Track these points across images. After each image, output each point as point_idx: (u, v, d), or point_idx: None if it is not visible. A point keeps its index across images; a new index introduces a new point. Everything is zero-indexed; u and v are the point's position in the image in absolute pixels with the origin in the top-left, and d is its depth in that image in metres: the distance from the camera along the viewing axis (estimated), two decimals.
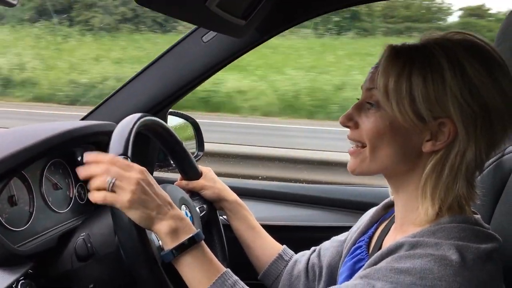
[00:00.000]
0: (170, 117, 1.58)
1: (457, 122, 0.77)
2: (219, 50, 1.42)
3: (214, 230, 1.25)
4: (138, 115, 1.03)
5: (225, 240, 1.26)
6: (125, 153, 0.93)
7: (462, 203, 0.80)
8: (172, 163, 1.32)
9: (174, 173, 1.47)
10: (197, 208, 1.18)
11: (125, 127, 0.98)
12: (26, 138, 1.04)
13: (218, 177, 1.28)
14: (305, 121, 7.27)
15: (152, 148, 1.59)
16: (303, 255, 1.16)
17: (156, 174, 1.64)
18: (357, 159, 0.86)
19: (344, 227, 1.15)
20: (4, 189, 0.99)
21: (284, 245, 1.22)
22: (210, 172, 1.27)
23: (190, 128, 1.60)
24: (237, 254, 1.22)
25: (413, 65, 0.79)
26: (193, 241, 0.90)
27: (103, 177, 0.86)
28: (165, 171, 1.63)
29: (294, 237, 1.28)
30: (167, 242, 0.89)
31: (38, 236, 1.05)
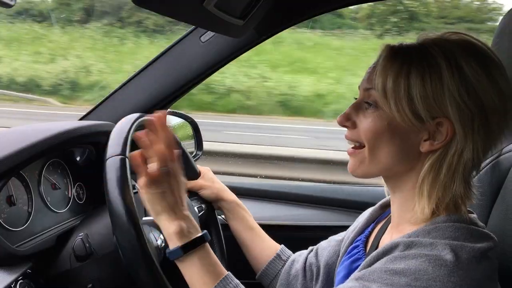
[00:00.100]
0: (169, 117, 1.58)
1: (455, 122, 0.77)
2: (217, 50, 1.42)
3: (213, 230, 1.26)
4: (136, 115, 1.03)
5: (223, 240, 1.26)
6: (123, 153, 0.93)
7: (458, 203, 0.80)
8: None
9: None
10: (196, 208, 1.18)
11: (123, 127, 0.98)
12: (25, 138, 1.04)
13: (217, 177, 1.29)
14: None
15: None
16: (301, 255, 1.16)
17: None
18: (356, 160, 0.86)
19: (342, 227, 1.16)
20: (3, 189, 0.99)
21: (282, 245, 1.22)
22: (209, 172, 1.28)
23: (189, 128, 1.60)
24: (235, 254, 1.22)
25: (411, 65, 0.79)
26: (201, 241, 0.92)
27: (163, 160, 0.90)
28: None
29: (292, 237, 1.29)
30: (174, 241, 0.90)
31: (37, 236, 1.05)
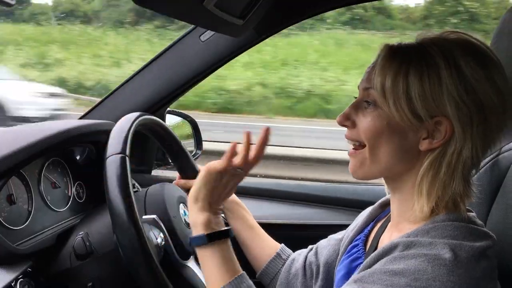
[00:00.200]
0: (169, 116, 1.58)
1: (454, 121, 0.77)
2: (217, 49, 1.42)
3: None
4: (136, 114, 1.03)
5: None
6: (123, 152, 0.93)
7: (458, 201, 0.80)
8: (170, 162, 1.32)
9: (173, 172, 1.48)
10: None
11: (124, 126, 0.98)
12: (25, 137, 1.04)
13: None
14: None
15: (151, 147, 1.59)
16: (300, 254, 1.16)
17: (154, 173, 1.64)
18: (357, 161, 0.86)
19: (341, 225, 1.16)
20: (3, 188, 0.99)
21: (282, 244, 1.21)
22: None
23: (189, 127, 1.60)
24: (235, 253, 1.22)
25: (410, 65, 0.79)
26: (226, 235, 0.94)
27: (246, 166, 0.97)
28: (163, 170, 1.63)
29: (292, 235, 1.29)
30: (199, 229, 0.93)
31: (37, 235, 1.05)
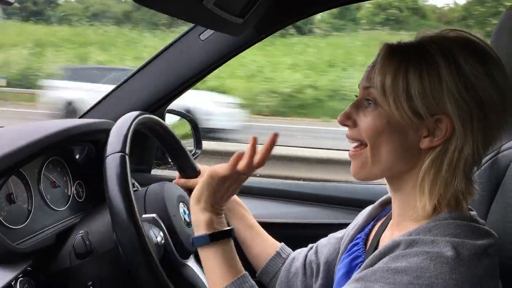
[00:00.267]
0: (168, 115, 1.58)
1: (454, 118, 0.77)
2: (217, 48, 1.42)
3: None
4: (136, 113, 1.03)
5: None
6: (123, 151, 0.93)
7: (460, 199, 0.80)
8: (170, 161, 1.32)
9: (172, 171, 1.48)
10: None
11: (123, 125, 0.98)
12: (25, 136, 1.04)
13: None
14: None
15: (150, 146, 1.59)
16: (300, 253, 1.16)
17: (154, 172, 1.64)
18: (358, 162, 0.86)
19: (342, 224, 1.16)
20: (3, 187, 0.99)
21: (282, 243, 1.22)
22: None
23: (188, 126, 1.60)
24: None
25: (409, 63, 0.79)
26: (229, 234, 0.94)
27: (249, 169, 0.93)
28: (163, 169, 1.63)
29: (292, 234, 1.29)
30: (201, 229, 0.93)
31: (37, 234, 1.05)
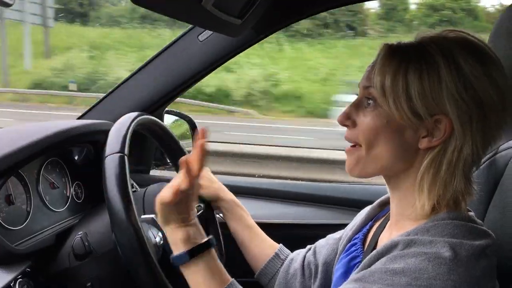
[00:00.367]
0: (167, 116, 1.58)
1: (453, 119, 0.77)
2: (215, 49, 1.43)
3: (211, 229, 1.26)
4: (135, 114, 1.03)
5: (222, 239, 1.26)
6: (122, 151, 0.93)
7: (459, 199, 0.80)
8: (169, 162, 1.32)
9: (171, 172, 1.48)
10: (194, 207, 1.18)
11: (122, 126, 0.98)
12: (23, 138, 1.04)
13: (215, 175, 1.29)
14: None
15: (149, 147, 1.59)
16: (299, 253, 1.16)
17: (153, 173, 1.64)
18: (353, 158, 0.86)
19: (340, 225, 1.16)
20: (2, 188, 0.99)
21: (281, 244, 1.22)
22: (207, 172, 1.28)
23: (187, 127, 1.60)
24: (234, 253, 1.22)
25: (409, 63, 0.79)
26: (208, 246, 0.92)
27: (191, 182, 0.92)
28: (162, 170, 1.63)
29: (290, 235, 1.29)
30: (180, 247, 0.91)
31: (36, 235, 1.05)
